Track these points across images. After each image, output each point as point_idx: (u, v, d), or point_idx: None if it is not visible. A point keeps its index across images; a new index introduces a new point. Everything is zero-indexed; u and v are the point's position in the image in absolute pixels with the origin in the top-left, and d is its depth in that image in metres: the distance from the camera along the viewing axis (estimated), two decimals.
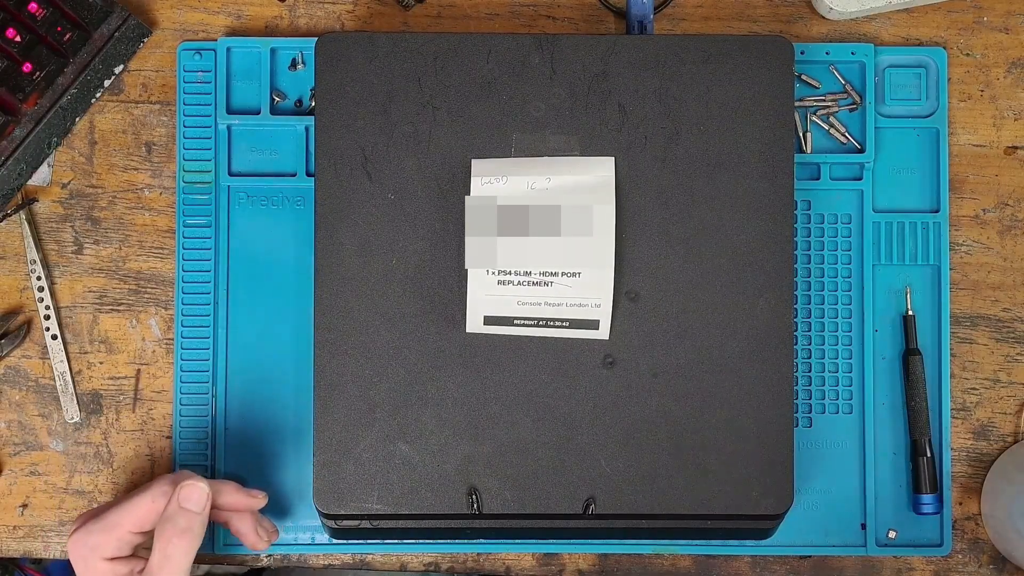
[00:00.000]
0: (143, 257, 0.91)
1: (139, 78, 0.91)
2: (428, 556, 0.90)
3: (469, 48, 0.84)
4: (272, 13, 0.92)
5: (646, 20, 0.90)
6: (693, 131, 0.83)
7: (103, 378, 0.90)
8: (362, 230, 0.83)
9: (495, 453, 0.82)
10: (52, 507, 0.90)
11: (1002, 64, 0.93)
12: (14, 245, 0.91)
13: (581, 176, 0.82)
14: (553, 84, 0.83)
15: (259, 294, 0.89)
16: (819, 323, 0.90)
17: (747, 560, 0.90)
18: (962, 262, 0.92)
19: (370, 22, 0.92)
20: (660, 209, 0.83)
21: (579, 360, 0.83)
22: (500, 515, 0.83)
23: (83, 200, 0.91)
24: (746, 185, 0.83)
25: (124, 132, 0.91)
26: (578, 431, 0.82)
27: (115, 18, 0.90)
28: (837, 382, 0.90)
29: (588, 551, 0.90)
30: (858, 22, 0.93)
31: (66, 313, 0.90)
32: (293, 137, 0.90)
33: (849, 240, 0.91)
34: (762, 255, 0.83)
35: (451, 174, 0.83)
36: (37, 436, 0.90)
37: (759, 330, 0.83)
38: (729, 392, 0.83)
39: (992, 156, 0.92)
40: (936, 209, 0.91)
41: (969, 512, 0.91)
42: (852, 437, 0.90)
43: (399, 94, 0.83)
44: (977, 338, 0.91)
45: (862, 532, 0.90)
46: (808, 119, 0.91)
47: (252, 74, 0.91)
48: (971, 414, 0.91)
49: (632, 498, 0.82)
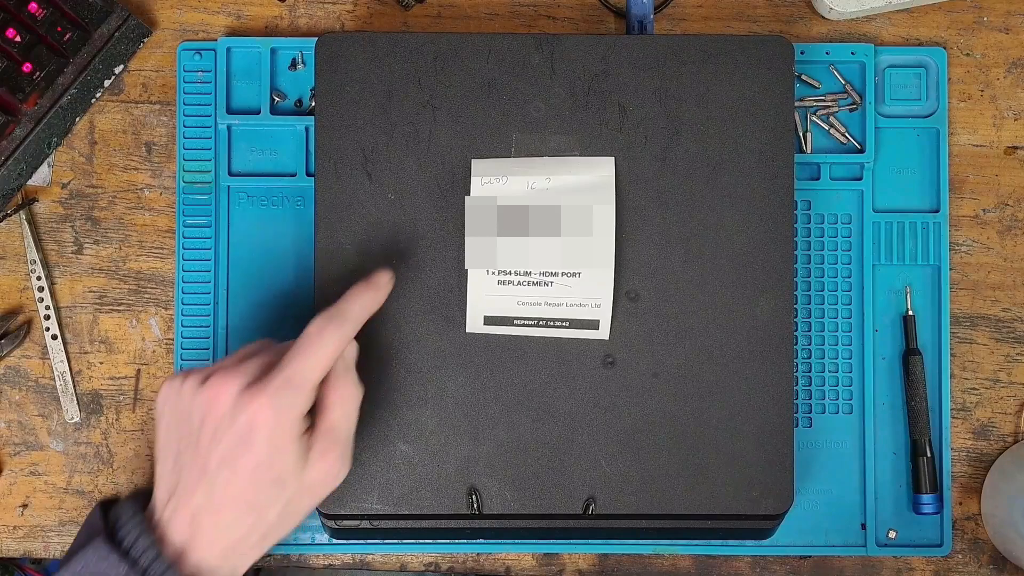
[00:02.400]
0: (143, 257, 0.91)
1: (139, 78, 0.91)
2: (428, 556, 0.90)
3: (469, 48, 0.83)
4: (272, 13, 0.92)
5: (646, 20, 0.90)
6: (693, 131, 0.83)
7: (103, 378, 0.90)
8: (362, 230, 0.83)
9: (495, 453, 0.82)
10: (52, 507, 0.90)
11: (1002, 64, 0.93)
12: (14, 245, 0.91)
13: (581, 176, 0.82)
14: (553, 84, 0.83)
15: (259, 294, 0.89)
16: (819, 323, 0.90)
17: (747, 560, 0.90)
18: (962, 262, 0.92)
19: (370, 22, 0.92)
20: (660, 209, 0.83)
21: (579, 360, 0.83)
22: (500, 515, 0.83)
23: (83, 200, 0.91)
24: (746, 185, 0.83)
25: (124, 132, 0.91)
26: (578, 431, 0.82)
27: (115, 18, 0.90)
28: (837, 382, 0.90)
29: (588, 551, 0.90)
30: (858, 22, 0.93)
31: (66, 313, 0.90)
32: (293, 137, 0.90)
33: (849, 240, 0.91)
34: (762, 255, 0.83)
35: (451, 174, 0.83)
36: (37, 436, 0.90)
37: (759, 330, 0.83)
38: (729, 392, 0.83)
39: (992, 156, 0.92)
40: (936, 209, 0.91)
41: (969, 512, 0.91)
42: (852, 437, 0.90)
43: (399, 94, 0.83)
44: (977, 338, 0.91)
45: (862, 532, 0.90)
46: (808, 119, 0.91)
47: (252, 74, 0.91)
48: (971, 414, 0.91)
49: (632, 498, 0.82)
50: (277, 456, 0.72)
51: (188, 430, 0.73)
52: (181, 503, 0.73)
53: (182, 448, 0.74)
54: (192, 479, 0.73)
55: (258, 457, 0.72)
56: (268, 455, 0.72)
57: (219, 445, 0.72)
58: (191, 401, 0.73)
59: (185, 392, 0.74)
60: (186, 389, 0.74)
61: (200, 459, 0.72)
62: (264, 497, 0.73)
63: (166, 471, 0.74)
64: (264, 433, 0.72)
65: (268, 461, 0.72)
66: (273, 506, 0.73)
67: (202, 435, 0.73)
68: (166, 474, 0.74)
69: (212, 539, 0.73)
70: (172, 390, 0.75)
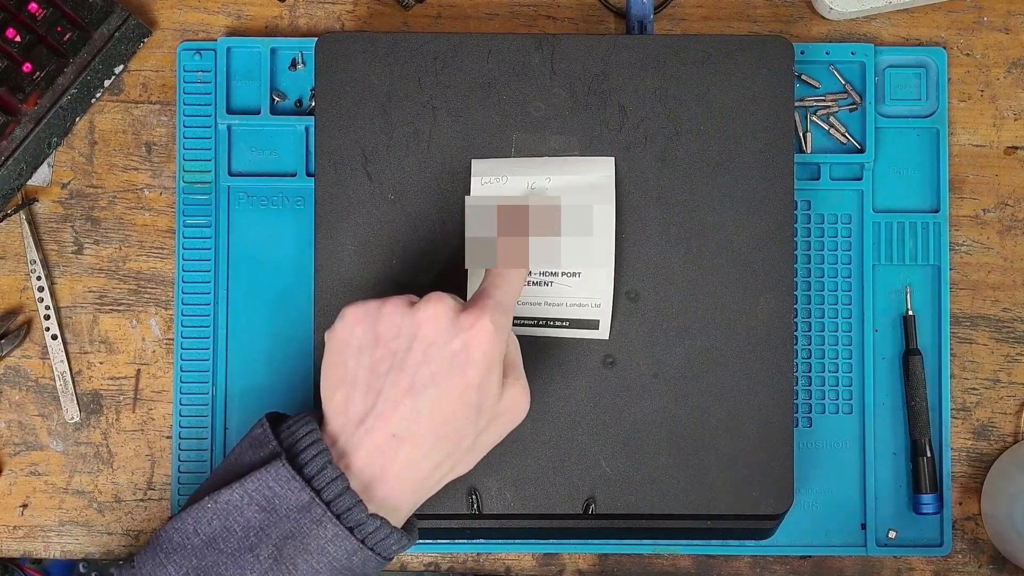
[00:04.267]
0: (143, 257, 0.91)
1: (139, 78, 0.91)
2: (428, 556, 0.90)
3: (469, 48, 0.84)
4: (272, 13, 0.92)
5: (646, 20, 0.90)
6: (693, 131, 0.83)
7: (103, 378, 0.90)
8: (362, 230, 0.83)
9: (495, 453, 0.82)
10: (52, 507, 0.90)
11: (1002, 64, 0.93)
12: (14, 245, 0.91)
13: (581, 176, 0.82)
14: (553, 84, 0.83)
15: (259, 294, 0.90)
16: (819, 323, 0.90)
17: (747, 560, 0.90)
18: (962, 262, 0.92)
19: (370, 22, 0.92)
20: (660, 209, 0.83)
21: (579, 360, 0.83)
22: (500, 515, 0.83)
23: (83, 200, 0.91)
24: (746, 185, 0.83)
25: (124, 132, 0.91)
26: (578, 431, 0.82)
27: (115, 18, 0.90)
28: (837, 382, 0.90)
29: (588, 551, 0.90)
30: (858, 22, 0.93)
31: (66, 313, 0.90)
32: (293, 137, 0.90)
33: (849, 240, 0.91)
34: (762, 255, 0.83)
35: (451, 174, 0.83)
36: (37, 436, 0.90)
37: (759, 330, 0.83)
38: (729, 392, 0.83)
39: (992, 156, 0.92)
40: (936, 209, 0.91)
41: (969, 512, 0.91)
42: (852, 437, 0.90)
43: (399, 94, 0.83)
44: (977, 338, 0.91)
45: (862, 532, 0.90)
46: (808, 119, 0.91)
47: (252, 74, 0.91)
48: (971, 414, 0.91)
49: (632, 498, 0.82)
50: (487, 379, 0.71)
51: (391, 350, 0.71)
52: (378, 425, 0.70)
53: (383, 369, 0.71)
54: (395, 397, 0.70)
55: (470, 379, 0.71)
56: (480, 377, 0.71)
57: (430, 365, 0.70)
58: (400, 321, 0.71)
59: (388, 313, 0.72)
60: (389, 311, 0.72)
61: (406, 379, 0.70)
62: (464, 423, 0.71)
63: (357, 394, 0.71)
64: (480, 354, 0.71)
65: (478, 383, 0.71)
66: (468, 435, 0.72)
67: (411, 355, 0.71)
68: (357, 397, 0.71)
69: (405, 470, 0.71)
70: (367, 312, 0.72)
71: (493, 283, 0.74)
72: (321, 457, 0.70)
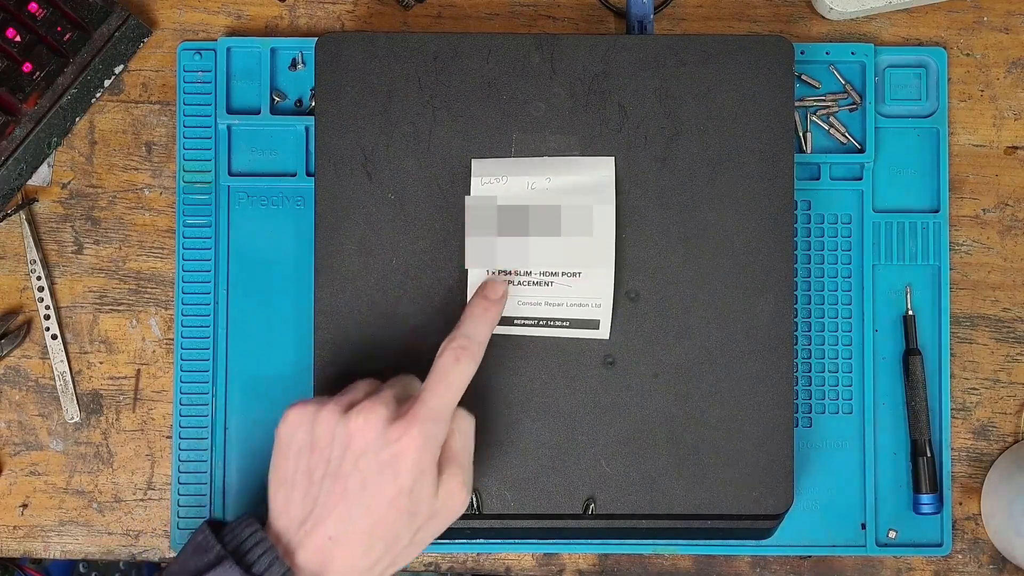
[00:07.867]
0: (143, 257, 0.91)
1: (139, 78, 0.91)
2: (428, 556, 0.90)
3: (469, 48, 0.84)
4: (272, 13, 0.92)
5: (646, 20, 0.90)
6: (693, 131, 0.83)
7: (103, 378, 0.90)
8: (362, 230, 0.83)
9: (495, 453, 0.82)
10: (52, 507, 0.90)
11: (1002, 64, 0.93)
12: (14, 245, 0.91)
13: (581, 176, 0.82)
14: (553, 84, 0.83)
15: (259, 294, 0.89)
16: (819, 323, 0.90)
17: (747, 560, 0.90)
18: (962, 262, 0.92)
19: (370, 22, 0.92)
20: (660, 209, 0.83)
21: (579, 360, 0.83)
22: (500, 515, 0.83)
23: (83, 200, 0.91)
24: (746, 185, 0.83)
25: (124, 132, 0.91)
26: (578, 431, 0.82)
27: (115, 18, 0.90)
28: (837, 382, 0.90)
29: (588, 551, 0.90)
30: (858, 22, 0.93)
31: (66, 313, 0.90)
32: (293, 137, 0.90)
33: (849, 240, 0.91)
34: (762, 255, 0.83)
35: (451, 174, 0.83)
36: (37, 436, 0.90)
37: (759, 330, 0.83)
38: (729, 392, 0.83)
39: (992, 156, 0.92)
40: (936, 209, 0.91)
41: (969, 512, 0.91)
42: (852, 437, 0.90)
43: (399, 94, 0.83)
44: (977, 338, 0.91)
45: (862, 532, 0.90)
46: (808, 119, 0.91)
47: (252, 74, 0.91)
48: (971, 414, 0.91)
49: (632, 498, 0.82)
50: (417, 484, 0.73)
51: (326, 456, 0.74)
52: (317, 528, 0.73)
53: (318, 475, 0.74)
54: (330, 503, 0.73)
55: (400, 485, 0.73)
56: (410, 483, 0.73)
57: (361, 473, 0.73)
58: (333, 429, 0.74)
59: (324, 420, 0.74)
60: (324, 417, 0.74)
61: (340, 486, 0.73)
62: (398, 526, 0.73)
63: (296, 496, 0.74)
64: (409, 463, 0.73)
65: (409, 489, 0.73)
66: (404, 536, 0.74)
67: (344, 462, 0.73)
68: (296, 499, 0.74)
69: (344, 569, 0.73)
70: (306, 416, 0.75)
71: (430, 387, 0.75)
72: (268, 555, 0.72)
